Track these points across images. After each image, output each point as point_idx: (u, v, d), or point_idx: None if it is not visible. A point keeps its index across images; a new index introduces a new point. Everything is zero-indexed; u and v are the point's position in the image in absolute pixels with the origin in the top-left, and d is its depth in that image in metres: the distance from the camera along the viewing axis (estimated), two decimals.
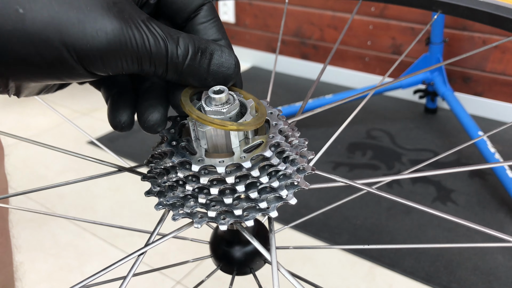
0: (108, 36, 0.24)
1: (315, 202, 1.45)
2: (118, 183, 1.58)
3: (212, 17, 0.31)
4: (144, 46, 0.25)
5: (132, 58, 0.25)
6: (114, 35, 0.24)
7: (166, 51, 0.26)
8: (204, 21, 0.31)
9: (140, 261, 0.30)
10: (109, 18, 0.24)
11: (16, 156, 1.74)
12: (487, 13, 0.40)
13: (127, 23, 0.25)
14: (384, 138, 1.83)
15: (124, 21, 0.25)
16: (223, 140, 0.29)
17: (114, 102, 0.31)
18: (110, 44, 0.24)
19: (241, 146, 0.30)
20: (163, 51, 0.26)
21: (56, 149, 0.43)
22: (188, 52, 0.27)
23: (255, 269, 0.39)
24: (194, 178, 0.30)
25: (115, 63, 0.25)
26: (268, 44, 2.49)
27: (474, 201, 1.46)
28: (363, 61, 2.22)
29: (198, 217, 0.31)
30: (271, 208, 0.30)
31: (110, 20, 0.24)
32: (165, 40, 0.26)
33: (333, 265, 1.25)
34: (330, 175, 0.34)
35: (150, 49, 0.26)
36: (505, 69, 1.87)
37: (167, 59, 0.27)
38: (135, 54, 0.25)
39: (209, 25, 0.31)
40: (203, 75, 0.28)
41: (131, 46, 0.25)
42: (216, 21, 0.31)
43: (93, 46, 0.24)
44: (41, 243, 1.37)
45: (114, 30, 0.24)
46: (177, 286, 1.21)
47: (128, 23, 0.25)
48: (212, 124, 0.28)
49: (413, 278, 1.20)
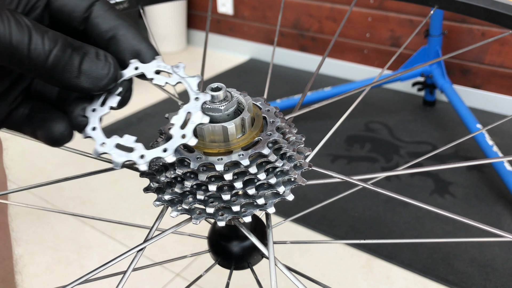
0: None
1: (314, 194, 1.46)
2: (116, 176, 1.58)
3: (107, 8, 0.29)
4: (3, 27, 0.23)
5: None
6: None
7: (29, 39, 0.24)
8: (99, 14, 0.29)
9: (139, 256, 0.31)
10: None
11: (14, 149, 1.74)
12: (482, 8, 0.40)
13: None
14: (382, 130, 1.83)
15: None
16: (220, 133, 0.30)
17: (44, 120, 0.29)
18: None
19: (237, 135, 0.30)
20: (25, 39, 0.24)
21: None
22: (56, 44, 0.25)
23: (253, 264, 0.39)
24: (192, 175, 0.30)
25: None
26: (267, 36, 2.49)
27: (472, 194, 1.46)
28: (362, 53, 2.22)
29: (196, 213, 0.31)
30: (268, 204, 0.31)
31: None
32: (30, 28, 0.24)
33: (331, 258, 1.26)
34: (327, 171, 0.34)
35: (11, 33, 0.24)
36: (504, 62, 1.87)
37: (30, 46, 0.24)
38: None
39: (105, 15, 0.29)
40: (74, 73, 0.26)
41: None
42: (111, 10, 0.30)
43: None
44: (40, 236, 1.38)
45: None
46: (176, 278, 1.22)
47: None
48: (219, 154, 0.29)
49: (410, 270, 1.21)
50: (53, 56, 0.25)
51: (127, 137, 0.28)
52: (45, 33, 0.25)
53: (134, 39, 0.30)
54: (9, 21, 0.24)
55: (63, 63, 0.26)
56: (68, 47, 0.26)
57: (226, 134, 0.29)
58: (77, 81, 0.27)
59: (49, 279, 1.24)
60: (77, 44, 0.27)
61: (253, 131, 0.31)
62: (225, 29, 2.62)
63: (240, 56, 2.59)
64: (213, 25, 2.65)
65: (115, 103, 0.28)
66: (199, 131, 0.30)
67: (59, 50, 0.25)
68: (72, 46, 0.26)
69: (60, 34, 0.26)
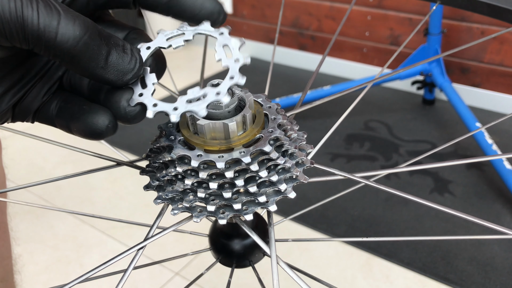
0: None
1: (313, 193, 1.46)
2: (116, 174, 1.58)
3: None
4: (31, 9, 0.23)
5: (16, 23, 0.22)
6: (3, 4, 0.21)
7: (58, 22, 0.23)
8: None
9: (139, 255, 0.30)
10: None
11: (13, 148, 1.74)
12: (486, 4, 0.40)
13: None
14: (381, 129, 1.83)
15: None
16: (221, 130, 0.29)
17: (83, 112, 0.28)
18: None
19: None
20: (54, 21, 0.23)
21: (53, 142, 0.43)
22: (87, 30, 0.24)
23: (254, 262, 0.39)
24: (193, 172, 0.30)
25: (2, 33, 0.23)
26: (266, 35, 2.48)
27: (471, 192, 1.46)
28: (361, 52, 2.21)
29: (197, 211, 0.31)
30: (270, 202, 0.30)
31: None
32: (60, 13, 0.23)
33: (331, 256, 1.26)
34: (329, 168, 0.34)
35: (38, 15, 0.23)
36: (503, 60, 1.87)
37: (58, 30, 0.23)
38: (20, 17, 0.22)
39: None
40: (100, 62, 0.25)
41: (14, 6, 0.22)
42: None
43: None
44: (40, 235, 1.37)
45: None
46: (176, 277, 1.22)
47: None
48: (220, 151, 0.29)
49: (410, 269, 1.21)
50: (82, 43, 0.24)
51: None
52: (76, 18, 0.24)
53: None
54: (37, 3, 0.23)
55: (90, 52, 0.25)
56: (97, 36, 0.25)
57: (227, 131, 0.29)
58: (102, 72, 0.26)
59: (49, 278, 1.24)
60: (106, 34, 0.26)
61: (255, 128, 0.30)
62: None
63: None
64: None
65: (154, 79, 0.28)
66: (200, 128, 0.30)
67: (88, 37, 0.24)
68: (101, 35, 0.25)
69: (91, 21, 0.25)
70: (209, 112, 0.29)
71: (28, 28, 0.23)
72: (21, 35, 0.23)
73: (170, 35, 0.29)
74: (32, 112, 0.30)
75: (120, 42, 0.27)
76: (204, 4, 0.29)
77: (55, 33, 0.23)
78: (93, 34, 0.25)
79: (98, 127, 0.28)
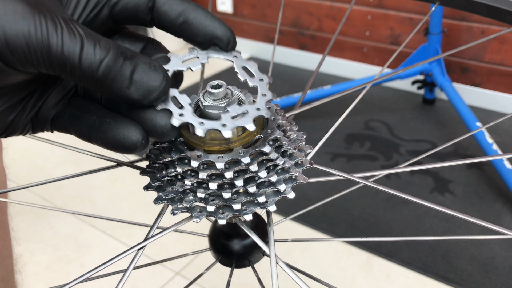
0: (16, 18, 0.23)
1: (313, 192, 1.46)
2: (116, 174, 1.58)
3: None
4: (56, 38, 0.23)
5: (42, 51, 0.23)
6: (23, 18, 0.23)
7: (81, 47, 0.24)
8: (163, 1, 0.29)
9: (139, 255, 0.30)
10: (23, 5, 0.23)
11: (14, 147, 1.74)
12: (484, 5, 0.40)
13: (42, 14, 0.23)
14: (382, 129, 1.83)
15: (38, 11, 0.23)
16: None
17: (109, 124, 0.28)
18: (18, 30, 0.23)
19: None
20: (77, 47, 0.24)
21: (54, 143, 0.43)
22: (108, 53, 0.25)
23: (254, 262, 0.39)
24: (193, 172, 0.30)
25: (23, 54, 0.23)
26: (266, 35, 2.49)
27: (472, 192, 1.47)
28: (361, 52, 2.22)
29: (197, 211, 0.31)
30: (269, 202, 0.31)
31: (24, 7, 0.23)
32: (82, 37, 0.24)
33: (331, 256, 1.26)
34: (328, 168, 0.34)
35: (63, 42, 0.23)
36: (503, 60, 1.87)
37: (81, 56, 0.24)
38: (46, 45, 0.23)
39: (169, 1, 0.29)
40: (124, 83, 0.26)
41: (41, 35, 0.23)
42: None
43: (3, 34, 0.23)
44: (40, 235, 1.38)
45: (24, 14, 0.23)
46: (176, 277, 1.22)
47: (43, 14, 0.23)
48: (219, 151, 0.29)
49: (410, 268, 1.21)
50: (104, 66, 0.25)
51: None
52: (98, 42, 0.25)
53: (206, 19, 0.29)
54: (62, 29, 0.24)
55: (113, 73, 0.25)
56: (120, 57, 0.25)
57: None
58: (127, 91, 0.26)
59: (49, 278, 1.24)
60: (130, 54, 0.26)
61: None
62: None
63: None
64: None
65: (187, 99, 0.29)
66: None
67: (110, 59, 0.25)
68: (124, 55, 0.26)
69: (113, 43, 0.25)
70: (209, 113, 0.30)
71: (53, 55, 0.24)
72: (47, 63, 0.24)
73: (185, 58, 0.30)
74: (49, 120, 0.31)
75: (145, 60, 0.27)
76: (215, 31, 0.30)
77: (78, 59, 0.24)
78: (115, 56, 0.25)
79: (132, 142, 0.28)
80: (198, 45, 0.30)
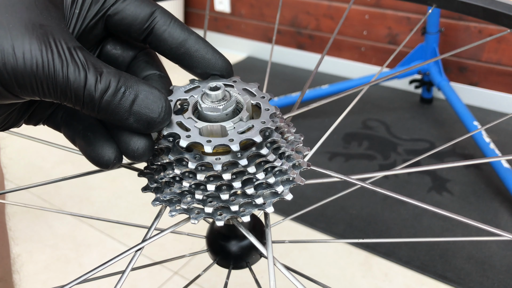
0: (25, 56, 0.23)
1: (312, 192, 1.46)
2: (114, 174, 1.58)
3: (169, 20, 0.30)
4: (61, 73, 0.24)
5: (48, 84, 0.24)
6: (31, 56, 0.24)
7: (84, 82, 0.25)
8: (164, 28, 0.29)
9: (137, 256, 0.31)
10: (30, 39, 0.24)
11: (11, 147, 1.73)
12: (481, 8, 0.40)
13: (49, 47, 0.24)
14: (380, 128, 1.83)
15: (45, 44, 0.24)
16: (218, 131, 0.30)
17: (88, 138, 0.29)
18: (26, 65, 0.24)
19: (236, 128, 0.30)
20: (81, 82, 0.25)
21: (52, 144, 0.43)
22: (109, 87, 0.26)
23: (251, 263, 0.39)
24: (191, 174, 0.30)
25: (30, 87, 0.24)
26: (264, 34, 2.48)
27: (469, 191, 1.47)
28: (359, 51, 2.22)
29: (195, 213, 0.31)
30: (267, 204, 0.31)
31: (31, 40, 0.24)
32: (86, 71, 0.25)
33: (329, 255, 1.26)
34: (326, 170, 0.34)
35: (68, 77, 0.24)
36: (501, 59, 1.87)
37: (84, 91, 0.25)
38: (52, 80, 0.24)
39: (171, 29, 0.30)
40: (124, 115, 0.26)
41: (47, 71, 0.24)
42: (175, 23, 0.30)
43: (8, 64, 0.23)
44: (38, 234, 1.37)
45: (32, 51, 0.24)
46: (175, 276, 1.22)
47: (49, 47, 0.24)
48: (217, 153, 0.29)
49: (408, 267, 1.21)
50: (104, 100, 0.26)
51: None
52: (99, 74, 0.25)
53: (208, 53, 0.30)
54: (67, 64, 0.24)
55: (113, 106, 0.26)
56: (119, 90, 0.26)
57: (225, 134, 0.29)
58: (127, 122, 0.27)
59: (48, 278, 1.24)
60: (130, 84, 0.27)
61: None
62: (222, 27, 2.62)
63: (237, 54, 2.59)
64: (210, 23, 2.64)
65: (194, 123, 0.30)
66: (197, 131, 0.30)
67: (110, 94, 0.26)
68: (125, 85, 0.26)
69: (114, 73, 0.26)
70: (207, 114, 0.30)
71: (58, 88, 0.25)
72: (52, 94, 0.25)
73: (188, 88, 0.31)
74: (43, 119, 0.32)
75: (146, 89, 0.27)
76: (216, 65, 0.31)
77: (82, 90, 0.25)
78: (115, 90, 0.26)
79: (104, 161, 0.29)
80: (196, 75, 0.31)
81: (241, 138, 0.28)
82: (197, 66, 0.31)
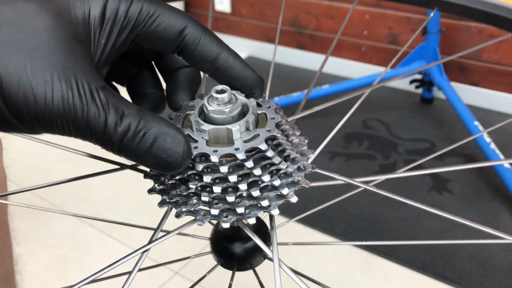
0: (47, 101, 0.24)
1: (312, 192, 1.46)
2: (114, 174, 1.58)
3: (202, 33, 0.30)
4: (82, 116, 0.25)
5: (69, 125, 0.25)
6: (54, 102, 0.24)
7: (104, 125, 0.25)
8: (196, 42, 0.30)
9: (144, 257, 0.31)
10: (54, 84, 0.24)
11: (12, 147, 1.73)
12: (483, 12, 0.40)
13: (71, 90, 0.25)
14: (380, 128, 1.83)
15: (68, 88, 0.25)
16: (224, 134, 0.30)
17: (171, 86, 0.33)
18: (48, 110, 0.24)
19: (242, 137, 0.30)
20: (101, 125, 0.25)
21: (52, 144, 0.43)
22: (128, 131, 0.26)
23: (255, 265, 0.40)
24: (197, 176, 0.30)
25: (51, 127, 0.25)
26: (264, 34, 2.49)
27: (470, 191, 1.47)
28: (360, 51, 2.22)
29: (201, 214, 0.31)
30: (272, 206, 0.31)
31: (55, 85, 0.24)
32: (106, 113, 0.25)
33: (329, 255, 1.27)
34: (330, 173, 0.34)
35: (88, 120, 0.25)
36: (501, 59, 1.87)
37: (104, 133, 0.26)
38: (73, 121, 0.25)
39: (204, 42, 0.30)
40: (142, 157, 0.27)
41: (69, 114, 0.25)
42: (208, 35, 0.30)
43: (31, 108, 0.24)
44: (38, 234, 1.38)
45: (55, 97, 0.24)
46: (175, 276, 1.22)
47: (71, 89, 0.25)
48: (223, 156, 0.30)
49: (409, 267, 1.21)
50: (123, 145, 0.26)
51: None
52: (119, 117, 0.26)
53: (244, 70, 0.31)
54: (88, 105, 0.25)
55: (130, 149, 0.26)
56: (140, 131, 0.26)
57: (231, 136, 0.30)
58: (145, 163, 0.27)
59: (48, 277, 1.24)
60: (150, 126, 0.26)
61: None
62: (222, 27, 2.62)
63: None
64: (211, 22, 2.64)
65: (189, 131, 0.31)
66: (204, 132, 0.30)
67: (129, 137, 0.26)
68: (145, 127, 0.26)
69: (135, 115, 0.26)
70: (213, 117, 0.30)
71: (77, 127, 0.25)
72: (73, 134, 0.26)
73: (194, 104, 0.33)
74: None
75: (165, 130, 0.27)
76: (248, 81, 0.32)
77: (101, 133, 0.25)
78: (134, 133, 0.26)
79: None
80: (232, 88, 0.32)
81: (246, 147, 0.29)
82: (229, 83, 0.31)
